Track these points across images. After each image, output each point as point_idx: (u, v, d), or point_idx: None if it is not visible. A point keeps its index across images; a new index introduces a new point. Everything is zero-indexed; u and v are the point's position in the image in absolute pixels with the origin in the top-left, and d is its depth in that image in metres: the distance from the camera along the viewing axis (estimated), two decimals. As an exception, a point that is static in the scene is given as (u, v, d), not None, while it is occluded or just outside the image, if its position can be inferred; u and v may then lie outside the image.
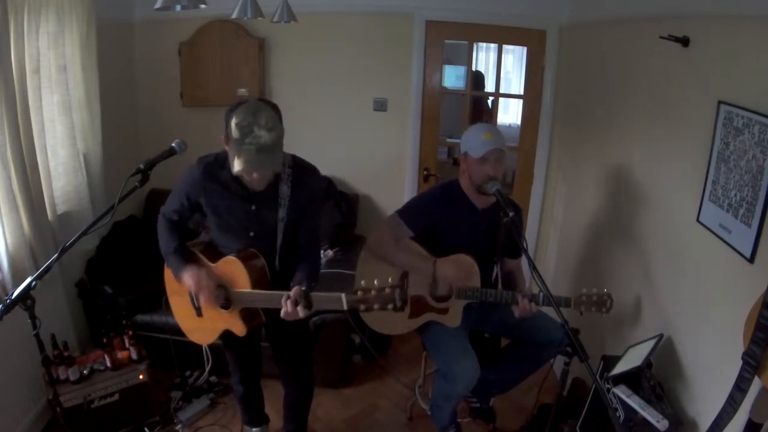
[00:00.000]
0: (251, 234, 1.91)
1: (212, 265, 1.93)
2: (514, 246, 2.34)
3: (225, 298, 1.91)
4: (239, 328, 1.93)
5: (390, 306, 1.64)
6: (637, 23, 2.32)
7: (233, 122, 1.65)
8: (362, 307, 1.66)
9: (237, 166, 1.66)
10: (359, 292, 1.66)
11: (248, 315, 1.92)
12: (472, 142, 2.17)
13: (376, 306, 1.65)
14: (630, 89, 2.38)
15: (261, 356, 2.29)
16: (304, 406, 2.37)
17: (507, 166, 2.24)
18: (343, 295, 1.68)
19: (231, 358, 2.23)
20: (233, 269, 1.87)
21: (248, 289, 1.84)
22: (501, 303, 2.14)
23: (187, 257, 1.95)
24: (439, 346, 2.26)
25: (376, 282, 1.66)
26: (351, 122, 3.59)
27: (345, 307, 1.68)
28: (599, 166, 2.68)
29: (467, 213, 2.25)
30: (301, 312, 1.72)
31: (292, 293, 1.73)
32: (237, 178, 1.84)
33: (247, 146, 1.63)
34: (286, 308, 1.72)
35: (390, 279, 1.67)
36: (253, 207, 1.87)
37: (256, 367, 2.30)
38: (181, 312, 2.11)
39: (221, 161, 1.87)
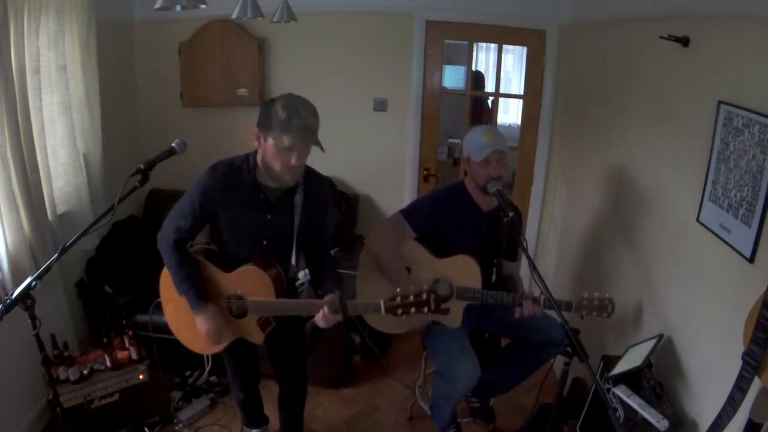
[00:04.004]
0: (264, 242, 1.90)
1: (228, 274, 1.91)
2: (513, 248, 2.35)
3: (242, 308, 1.90)
4: (257, 336, 1.94)
5: (425, 309, 1.75)
6: (637, 23, 2.32)
7: (279, 105, 1.70)
8: (400, 311, 1.75)
9: (287, 141, 1.68)
10: (398, 299, 1.75)
11: (264, 322, 1.93)
12: (474, 145, 2.17)
13: (413, 310, 1.75)
14: (630, 89, 2.38)
15: (258, 358, 2.28)
16: (298, 402, 2.37)
17: (509, 165, 2.24)
18: (382, 302, 1.77)
19: (231, 365, 2.23)
20: (255, 279, 1.85)
21: (271, 298, 1.85)
22: (502, 305, 2.14)
23: (203, 289, 1.89)
24: (440, 346, 2.26)
25: (412, 288, 1.77)
26: (351, 122, 3.58)
27: (383, 312, 1.76)
28: (599, 166, 2.68)
29: (472, 215, 2.25)
30: (336, 319, 1.79)
31: (327, 301, 1.77)
32: (257, 187, 1.84)
33: (295, 125, 1.68)
34: (323, 317, 1.78)
35: (425, 285, 1.79)
36: (269, 216, 1.87)
37: (254, 372, 2.30)
38: (180, 323, 2.04)
39: (237, 168, 1.84)
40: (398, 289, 1.77)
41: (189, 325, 2.01)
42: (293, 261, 1.93)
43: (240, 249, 1.92)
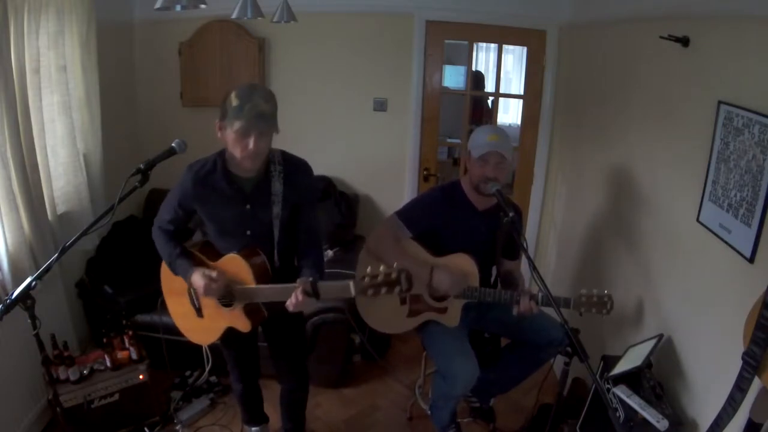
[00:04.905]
0: (248, 233, 1.91)
1: (213, 263, 1.94)
2: (513, 247, 2.35)
3: (228, 295, 1.91)
4: (244, 324, 1.94)
5: (397, 289, 1.66)
6: (637, 23, 2.32)
7: (232, 95, 1.71)
8: (370, 292, 1.67)
9: (238, 125, 1.68)
10: (366, 278, 1.67)
11: (251, 311, 1.94)
12: (477, 141, 2.18)
13: (383, 290, 1.66)
14: (630, 89, 2.38)
15: (259, 355, 2.29)
16: (300, 401, 2.37)
17: (508, 171, 2.23)
18: (350, 283, 1.70)
19: (229, 357, 2.24)
20: (236, 266, 1.87)
21: (252, 285, 1.85)
22: (500, 303, 2.14)
23: (190, 259, 1.95)
24: (439, 345, 2.26)
25: (381, 268, 1.67)
26: (351, 122, 3.59)
27: (353, 293, 1.70)
28: (599, 166, 2.68)
29: (467, 214, 2.25)
30: (309, 303, 1.75)
31: (299, 284, 1.75)
32: (230, 180, 1.85)
33: (247, 111, 1.68)
34: (294, 299, 1.75)
35: (396, 264, 1.69)
36: (248, 206, 1.88)
37: (254, 365, 2.30)
38: (179, 313, 2.10)
39: (211, 165, 1.87)
40: (368, 269, 1.69)
41: (188, 315, 2.06)
42: (276, 250, 1.93)
43: (226, 241, 1.94)
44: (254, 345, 2.23)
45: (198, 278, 1.85)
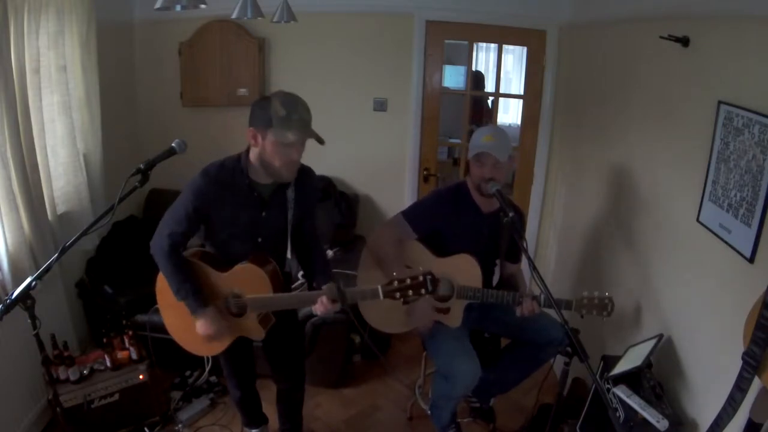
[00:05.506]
0: (259, 240, 1.91)
1: (224, 274, 1.91)
2: (515, 250, 2.35)
3: (240, 306, 1.91)
4: (258, 333, 1.94)
5: (423, 291, 1.73)
6: (637, 23, 2.32)
7: (276, 102, 1.72)
8: (398, 295, 1.74)
9: (292, 136, 1.71)
10: (395, 283, 1.74)
11: (263, 318, 1.95)
12: (474, 141, 2.19)
13: (410, 293, 1.74)
14: (630, 89, 2.38)
15: (254, 358, 2.29)
16: (297, 401, 2.37)
17: (507, 173, 2.23)
18: (379, 288, 1.76)
19: (226, 363, 2.23)
20: (251, 276, 1.86)
21: (270, 294, 1.85)
22: (502, 304, 2.15)
23: (200, 292, 1.88)
24: (440, 346, 2.26)
25: (409, 269, 1.75)
26: (351, 122, 3.59)
27: (382, 298, 1.76)
28: (599, 166, 2.68)
29: (472, 216, 2.25)
30: (334, 308, 1.81)
31: (325, 290, 1.79)
32: (251, 186, 1.84)
33: (296, 120, 1.71)
34: (322, 308, 1.79)
35: (421, 267, 1.77)
36: (264, 213, 1.88)
37: (250, 369, 2.30)
38: (178, 326, 2.03)
39: (229, 169, 1.84)
40: (394, 273, 1.77)
41: (189, 328, 2.00)
42: (288, 255, 1.94)
43: (235, 248, 1.92)
44: (250, 350, 2.22)
45: (209, 325, 1.87)
